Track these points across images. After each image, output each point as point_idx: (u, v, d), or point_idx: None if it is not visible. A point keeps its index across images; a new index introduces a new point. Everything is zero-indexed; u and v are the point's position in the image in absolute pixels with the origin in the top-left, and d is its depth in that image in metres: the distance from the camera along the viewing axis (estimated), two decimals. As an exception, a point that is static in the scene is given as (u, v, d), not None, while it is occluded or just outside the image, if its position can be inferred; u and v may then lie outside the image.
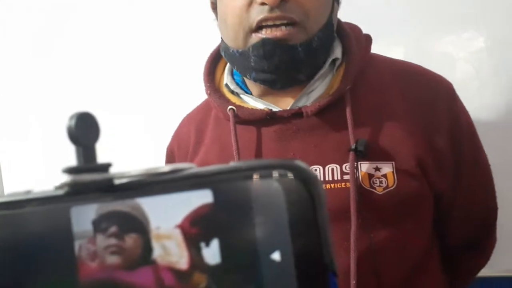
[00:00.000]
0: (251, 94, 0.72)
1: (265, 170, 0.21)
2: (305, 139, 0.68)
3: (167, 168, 0.22)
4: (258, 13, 0.63)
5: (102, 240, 0.21)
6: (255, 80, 0.69)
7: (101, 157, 0.23)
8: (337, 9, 0.71)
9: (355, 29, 0.74)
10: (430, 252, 0.71)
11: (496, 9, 0.92)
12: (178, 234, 0.21)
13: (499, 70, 0.93)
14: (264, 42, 0.64)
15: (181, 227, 0.21)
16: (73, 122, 0.20)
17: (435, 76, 0.73)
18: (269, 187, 0.21)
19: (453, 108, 0.71)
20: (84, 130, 0.21)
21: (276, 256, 0.20)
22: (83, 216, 0.21)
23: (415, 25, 0.97)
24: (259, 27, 0.64)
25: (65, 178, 0.21)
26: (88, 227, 0.21)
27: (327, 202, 0.21)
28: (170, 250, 0.21)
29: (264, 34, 0.64)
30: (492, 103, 0.93)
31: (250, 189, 0.21)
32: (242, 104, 0.72)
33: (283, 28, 0.63)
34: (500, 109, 0.93)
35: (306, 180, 0.20)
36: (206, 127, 0.77)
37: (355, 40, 0.71)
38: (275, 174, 0.21)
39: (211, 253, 0.20)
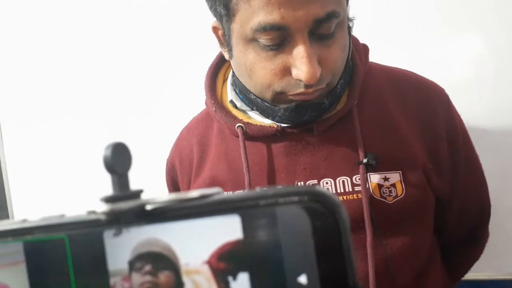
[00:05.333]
0: (254, 109, 0.72)
1: (291, 197, 0.22)
2: (314, 153, 0.69)
3: (196, 193, 0.23)
4: (294, 87, 0.62)
5: (137, 278, 0.22)
6: (276, 121, 0.70)
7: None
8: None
9: (354, 40, 0.74)
10: (434, 250, 0.75)
11: (496, 14, 0.93)
12: (206, 270, 0.22)
13: (499, 74, 0.94)
14: (297, 105, 0.64)
15: (209, 263, 0.22)
16: (109, 152, 0.22)
17: (431, 84, 0.75)
18: (294, 213, 0.22)
19: (449, 115, 0.73)
20: (118, 159, 0.22)
21: (302, 279, 0.21)
22: (118, 255, 0.23)
23: (416, 29, 0.98)
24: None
25: (101, 205, 0.22)
26: (123, 266, 0.23)
27: None
28: (200, 285, 0.22)
29: (297, 97, 0.64)
30: (492, 107, 0.95)
31: (276, 215, 0.22)
32: (249, 121, 0.72)
33: (315, 94, 0.63)
34: (500, 112, 0.94)
35: (332, 207, 0.21)
36: (209, 141, 0.77)
37: (356, 52, 0.72)
38: (298, 199, 0.22)
39: (240, 286, 0.22)
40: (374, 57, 0.77)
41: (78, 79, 1.26)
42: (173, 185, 0.84)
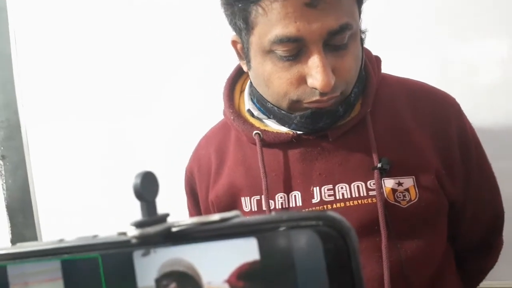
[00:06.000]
0: (271, 117, 0.75)
1: (304, 221, 0.24)
2: (329, 159, 0.71)
3: (216, 217, 0.26)
4: (309, 95, 0.65)
5: None
6: (292, 129, 0.73)
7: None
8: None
9: (367, 52, 0.77)
10: (448, 255, 0.77)
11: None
12: None
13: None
14: (313, 113, 0.67)
15: (229, 281, 0.24)
16: (138, 181, 0.24)
17: (443, 94, 0.78)
18: (307, 236, 0.24)
19: (461, 124, 0.76)
20: (147, 187, 0.24)
21: (315, 297, 0.23)
22: (146, 274, 0.25)
23: (439, 33, 0.99)
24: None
25: (131, 228, 0.24)
26: (150, 284, 0.25)
27: (356, 217, 0.24)
28: None
29: (312, 105, 0.67)
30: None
31: (290, 238, 0.24)
32: (266, 128, 0.75)
33: (330, 101, 0.66)
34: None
35: (342, 231, 0.23)
36: (227, 149, 0.80)
37: (369, 63, 0.75)
38: (311, 223, 0.24)
39: None
40: (396, 65, 0.79)
41: (106, 82, 1.30)
42: (192, 193, 0.87)
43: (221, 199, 0.77)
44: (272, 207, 0.71)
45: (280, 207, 0.71)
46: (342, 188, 0.70)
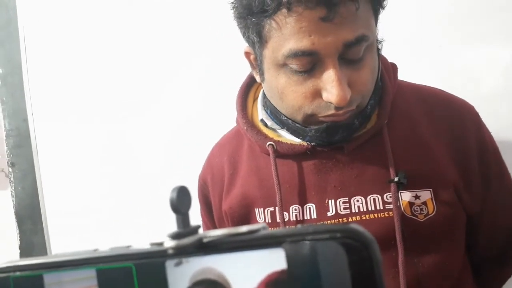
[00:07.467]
0: (284, 127, 0.74)
1: (328, 234, 0.25)
2: (344, 171, 0.70)
3: (244, 229, 0.27)
4: (324, 109, 0.64)
5: None
6: (306, 141, 0.72)
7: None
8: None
9: (382, 59, 0.76)
10: (465, 268, 0.75)
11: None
12: None
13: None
14: (328, 126, 0.66)
15: None
16: (174, 195, 0.26)
17: (461, 102, 0.76)
18: (332, 248, 0.25)
19: (480, 132, 0.74)
20: (182, 201, 0.26)
21: (340, 306, 0.25)
22: (178, 283, 0.27)
23: (443, 40, 1.00)
24: None
25: (166, 239, 0.26)
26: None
27: (372, 231, 0.25)
28: None
29: (327, 119, 0.66)
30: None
31: (316, 249, 0.26)
32: (279, 139, 0.74)
33: (345, 115, 0.66)
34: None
35: (365, 243, 0.24)
36: (240, 158, 0.79)
37: (385, 72, 0.74)
38: (335, 236, 0.26)
39: None
40: (399, 72, 0.78)
41: (115, 90, 1.32)
42: (205, 201, 0.86)
43: (235, 210, 0.76)
44: (286, 219, 0.70)
45: (294, 219, 0.70)
46: (357, 201, 0.69)
